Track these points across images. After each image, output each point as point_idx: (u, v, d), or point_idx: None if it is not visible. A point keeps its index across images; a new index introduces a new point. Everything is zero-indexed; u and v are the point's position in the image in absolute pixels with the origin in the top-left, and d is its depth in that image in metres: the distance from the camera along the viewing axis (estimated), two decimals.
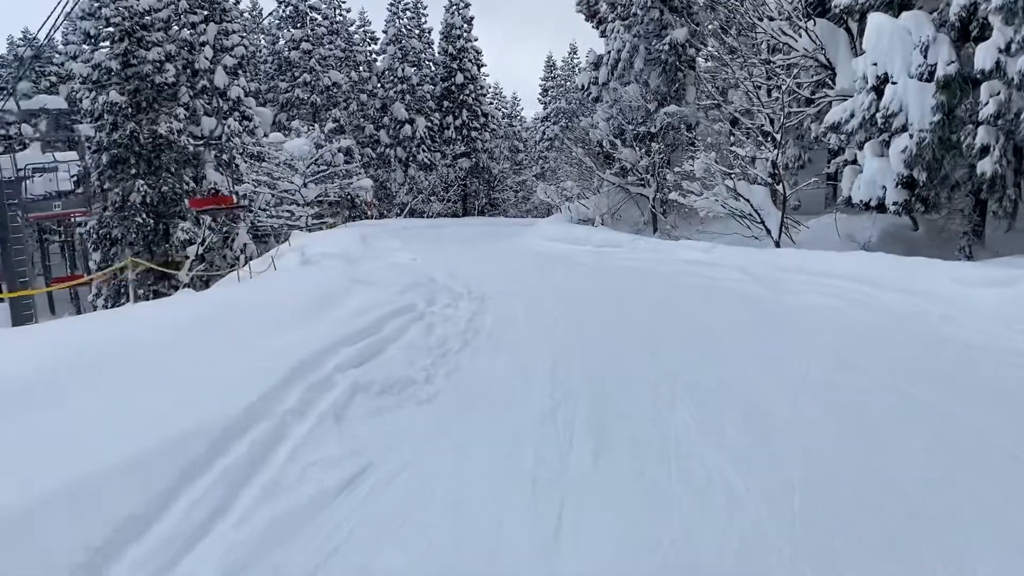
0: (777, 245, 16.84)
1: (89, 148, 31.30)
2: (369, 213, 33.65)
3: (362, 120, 39.17)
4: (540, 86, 54.84)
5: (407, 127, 39.58)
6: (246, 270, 16.47)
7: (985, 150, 13.29)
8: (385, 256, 17.85)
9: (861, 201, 15.39)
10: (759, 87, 20.32)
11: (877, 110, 14.96)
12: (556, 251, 18.92)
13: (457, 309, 9.83)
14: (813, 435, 4.74)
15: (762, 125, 18.70)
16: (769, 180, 17.52)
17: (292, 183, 27.72)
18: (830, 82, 18.20)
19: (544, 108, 54.41)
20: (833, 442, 4.61)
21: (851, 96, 16.91)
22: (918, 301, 8.03)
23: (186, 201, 26.01)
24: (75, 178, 31.24)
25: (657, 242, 17.23)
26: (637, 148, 23.26)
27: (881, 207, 15.37)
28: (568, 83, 50.17)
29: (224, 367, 5.57)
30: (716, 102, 20.70)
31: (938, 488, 3.91)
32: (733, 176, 17.33)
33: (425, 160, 39.68)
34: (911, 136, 14.18)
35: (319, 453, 4.44)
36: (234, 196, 20.49)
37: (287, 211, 28.24)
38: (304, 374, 5.72)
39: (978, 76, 12.89)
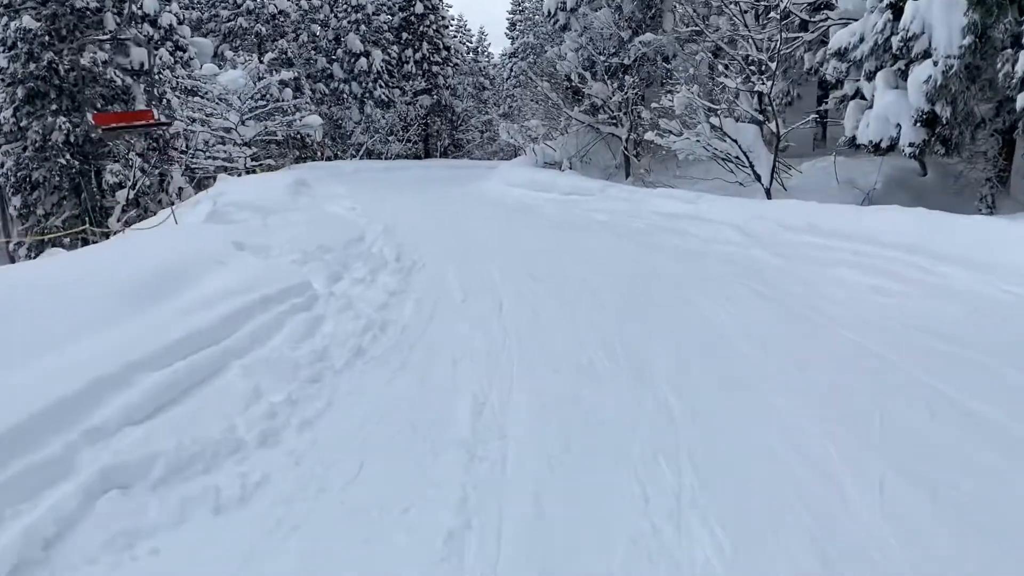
0: (768, 193, 14.31)
1: (2, 80, 27.66)
2: (320, 154, 30.43)
3: (313, 53, 35.44)
4: (507, 19, 50.99)
5: (362, 60, 35.95)
6: (154, 223, 13.64)
7: None
8: (318, 206, 15.04)
9: (870, 142, 12.83)
10: (746, 12, 17.48)
11: (894, 32, 12.31)
12: (516, 199, 16.23)
13: (371, 287, 7.19)
14: None
15: (748, 55, 15.95)
16: (760, 117, 14.87)
17: (227, 120, 24.45)
18: (833, 1, 15.43)
19: (512, 43, 50.71)
20: None
21: (856, 19, 14.23)
22: (1013, 287, 5.52)
23: (89, 116, 21.62)
24: None
25: (631, 190, 14.61)
26: (609, 83, 20.37)
27: (891, 148, 12.86)
28: (536, 16, 46.55)
29: None
30: (697, 28, 17.84)
31: None
32: (719, 113, 14.64)
33: (383, 97, 36.19)
34: (935, 63, 11.56)
35: None
36: (154, 111, 16.87)
37: (224, 151, 25.04)
38: (15, 452, 3.09)
39: None
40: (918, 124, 12.08)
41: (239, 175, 23.77)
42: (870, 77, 13.29)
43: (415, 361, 4.95)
